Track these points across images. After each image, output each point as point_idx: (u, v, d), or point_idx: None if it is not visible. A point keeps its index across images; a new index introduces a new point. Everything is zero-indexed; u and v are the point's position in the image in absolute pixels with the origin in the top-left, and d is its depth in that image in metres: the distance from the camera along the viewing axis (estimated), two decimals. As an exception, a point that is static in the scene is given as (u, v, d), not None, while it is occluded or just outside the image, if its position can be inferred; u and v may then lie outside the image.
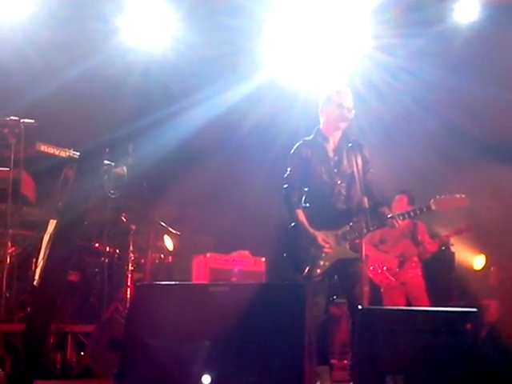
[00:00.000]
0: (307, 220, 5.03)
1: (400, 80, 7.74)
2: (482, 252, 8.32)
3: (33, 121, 5.10)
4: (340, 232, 5.01)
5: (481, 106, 7.58)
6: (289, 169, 5.17)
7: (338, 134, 5.06)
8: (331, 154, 5.11)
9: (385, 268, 7.15)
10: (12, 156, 5.03)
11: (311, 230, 4.97)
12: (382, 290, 7.08)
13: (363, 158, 5.01)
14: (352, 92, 5.16)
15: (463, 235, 7.34)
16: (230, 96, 7.76)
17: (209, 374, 3.73)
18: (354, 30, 7.42)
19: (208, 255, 7.38)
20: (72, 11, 6.90)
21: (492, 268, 8.09)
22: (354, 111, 4.99)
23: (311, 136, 5.18)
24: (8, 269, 5.37)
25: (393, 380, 3.75)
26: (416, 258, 7.16)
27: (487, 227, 7.54)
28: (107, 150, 5.69)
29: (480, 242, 8.07)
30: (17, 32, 6.78)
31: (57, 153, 5.38)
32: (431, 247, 7.15)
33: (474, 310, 3.97)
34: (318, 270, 4.99)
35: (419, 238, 7.21)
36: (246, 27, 7.27)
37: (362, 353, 3.93)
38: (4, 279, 5.13)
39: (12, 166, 5.07)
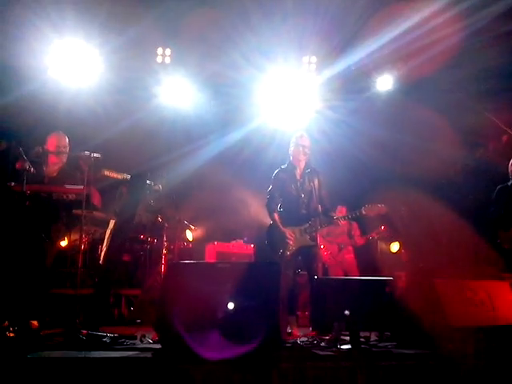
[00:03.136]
0: (281, 220, 5.54)
1: (342, 129, 8.09)
2: (396, 240, 8.49)
3: (99, 155, 5.41)
4: (302, 228, 5.47)
5: (399, 148, 7.98)
6: (270, 186, 5.65)
7: (303, 164, 5.60)
8: (298, 177, 5.60)
9: (329, 252, 7.73)
10: (85, 178, 5.31)
11: (282, 227, 5.48)
12: (326, 266, 7.69)
13: (319, 181, 5.54)
14: (309, 136, 5.70)
15: (383, 231, 7.77)
16: (229, 139, 8.20)
17: (231, 301, 4.03)
18: (311, 95, 8.11)
19: (216, 243, 7.92)
20: (124, 83, 7.71)
21: (403, 251, 8.30)
22: (308, 151, 5.52)
23: (285, 165, 5.68)
24: (82, 252, 5.72)
25: (338, 325, 4.23)
26: (350, 247, 7.89)
27: (399, 225, 7.78)
28: (149, 173, 6.36)
29: (395, 235, 8.27)
30: (88, 95, 7.56)
31: (115, 175, 5.75)
32: (360, 241, 7.86)
33: (391, 278, 4.39)
34: (288, 253, 5.41)
35: (352, 233, 7.85)
36: (240, 94, 8.04)
37: (317, 307, 4.38)
38: (80, 259, 5.44)
39: (85, 184, 5.33)
